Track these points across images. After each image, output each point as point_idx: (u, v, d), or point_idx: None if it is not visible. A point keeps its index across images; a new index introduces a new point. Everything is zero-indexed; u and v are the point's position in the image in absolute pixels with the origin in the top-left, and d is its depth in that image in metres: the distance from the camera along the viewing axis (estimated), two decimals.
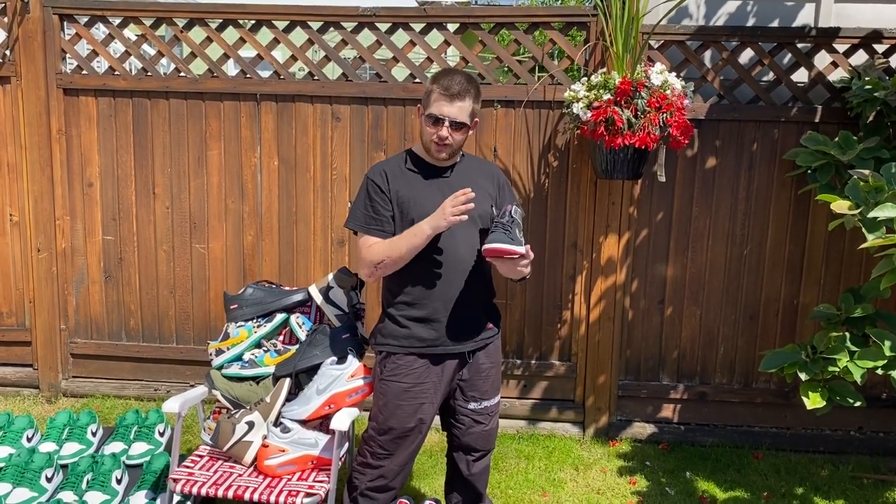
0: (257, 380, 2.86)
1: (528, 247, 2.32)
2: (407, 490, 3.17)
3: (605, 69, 3.37)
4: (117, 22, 3.81)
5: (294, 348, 2.91)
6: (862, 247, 2.62)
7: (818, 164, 3.29)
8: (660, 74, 3.18)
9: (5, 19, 3.78)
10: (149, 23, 3.78)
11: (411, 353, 2.46)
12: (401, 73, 3.79)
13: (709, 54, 3.72)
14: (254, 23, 3.74)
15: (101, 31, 3.90)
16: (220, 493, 2.45)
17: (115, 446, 3.15)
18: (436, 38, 3.68)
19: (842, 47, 3.53)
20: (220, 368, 2.88)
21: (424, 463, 3.45)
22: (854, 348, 2.96)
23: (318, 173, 3.78)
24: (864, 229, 2.63)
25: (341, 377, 2.68)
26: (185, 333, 3.97)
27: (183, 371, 3.98)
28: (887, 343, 2.85)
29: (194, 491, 2.47)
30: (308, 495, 2.43)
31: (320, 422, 2.73)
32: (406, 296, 2.46)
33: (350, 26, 3.70)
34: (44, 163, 3.85)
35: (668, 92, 3.16)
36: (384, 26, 3.68)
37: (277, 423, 2.68)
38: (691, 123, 3.30)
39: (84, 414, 3.28)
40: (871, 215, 2.56)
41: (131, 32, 4.01)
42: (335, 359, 2.72)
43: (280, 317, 2.98)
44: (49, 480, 2.85)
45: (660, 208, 3.67)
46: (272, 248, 3.85)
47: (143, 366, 4.02)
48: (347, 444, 2.88)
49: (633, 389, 3.79)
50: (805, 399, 3.02)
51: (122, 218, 3.91)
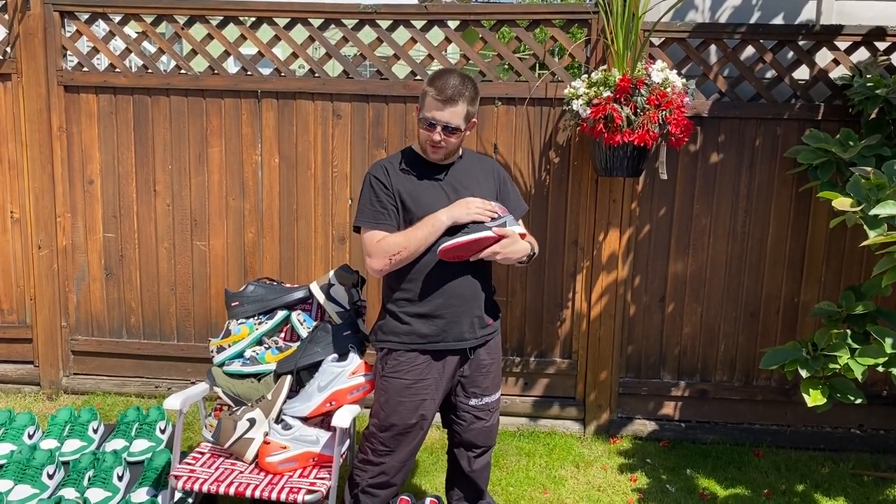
0: (259, 377, 2.86)
1: (497, 229, 2.36)
2: (408, 487, 3.17)
3: (605, 66, 3.37)
4: (118, 19, 3.81)
5: (295, 345, 2.91)
6: (863, 244, 2.63)
7: (819, 162, 3.29)
8: (660, 72, 3.18)
9: (6, 16, 3.78)
10: (149, 20, 3.78)
11: (412, 349, 2.46)
12: (402, 70, 3.79)
13: (711, 51, 3.71)
14: (254, 20, 3.74)
15: (101, 28, 3.90)
16: (222, 490, 2.45)
17: (117, 443, 3.15)
18: (437, 36, 3.67)
19: (843, 45, 3.53)
20: (221, 365, 2.88)
21: (426, 460, 3.45)
22: (855, 345, 2.96)
23: (319, 171, 3.78)
24: (865, 226, 2.64)
25: (343, 374, 2.68)
26: (186, 330, 3.97)
27: (184, 368, 3.99)
28: (888, 340, 2.85)
29: (195, 488, 2.47)
30: (309, 492, 2.43)
31: (322, 419, 2.73)
32: (407, 292, 2.46)
33: (351, 23, 3.70)
34: (45, 160, 3.85)
35: (669, 89, 3.15)
36: (385, 23, 3.68)
37: (279, 420, 2.68)
38: (691, 121, 3.30)
39: (85, 411, 3.28)
40: (873, 212, 2.56)
41: (132, 30, 4.01)
42: (336, 356, 2.72)
43: (281, 314, 2.98)
44: (50, 477, 2.85)
45: (661, 205, 3.67)
46: (273, 246, 3.85)
47: (144, 363, 4.02)
48: (349, 441, 2.88)
49: (633, 387, 3.79)
50: (806, 396, 3.02)
51: (123, 215, 3.91)
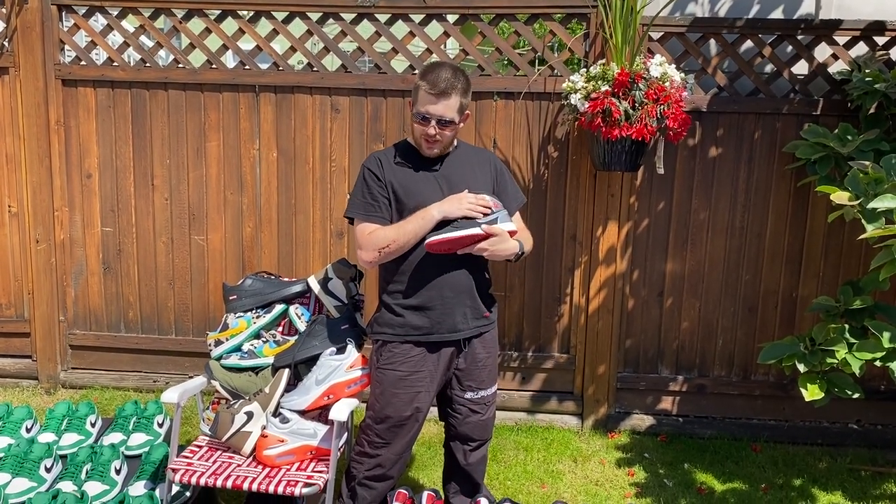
0: (256, 370, 2.86)
1: (486, 227, 2.34)
2: (406, 481, 3.17)
3: (604, 61, 3.36)
4: (116, 12, 3.79)
5: (293, 339, 2.90)
6: (861, 237, 2.63)
7: (818, 157, 3.29)
8: (659, 66, 3.17)
9: (3, 10, 3.77)
10: (147, 13, 3.76)
11: (407, 341, 2.47)
12: (400, 64, 3.78)
13: (710, 46, 3.71)
14: (253, 14, 3.73)
15: (99, 21, 3.89)
16: (219, 483, 2.45)
17: (114, 437, 3.15)
18: (435, 30, 3.66)
19: (842, 39, 3.53)
20: (219, 359, 2.88)
21: (423, 454, 3.45)
22: (853, 340, 2.96)
23: (318, 165, 3.77)
24: (863, 220, 2.63)
25: (340, 368, 2.67)
26: (184, 325, 3.97)
27: (182, 362, 3.98)
28: (886, 335, 2.85)
29: (193, 481, 2.47)
30: (307, 485, 2.44)
31: (319, 412, 2.73)
32: (401, 284, 2.47)
33: (349, 17, 3.69)
34: (42, 154, 3.84)
35: (667, 84, 3.15)
36: (383, 17, 3.67)
37: (276, 414, 2.68)
38: (689, 116, 3.30)
39: (83, 405, 3.28)
40: (871, 206, 2.56)
41: (130, 24, 4.01)
42: (334, 349, 2.72)
43: (279, 307, 2.97)
44: (48, 471, 2.85)
45: (659, 200, 3.67)
46: (271, 240, 3.85)
47: (142, 357, 4.02)
48: (346, 434, 2.88)
49: (631, 381, 3.79)
50: (803, 391, 3.02)
51: (121, 209, 3.90)
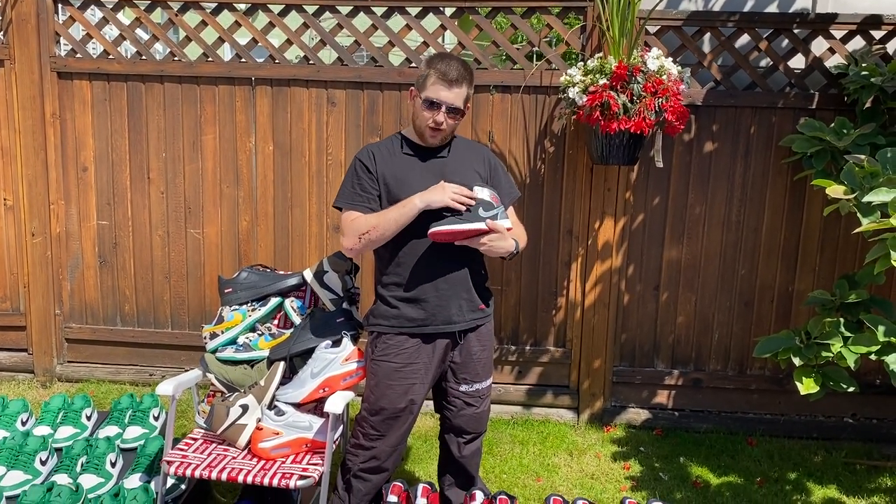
0: (252, 363, 2.85)
1: (489, 222, 2.32)
2: (401, 474, 3.18)
3: (601, 54, 3.36)
4: (112, 5, 3.78)
5: (288, 332, 2.90)
6: (856, 231, 2.62)
7: (814, 151, 3.28)
8: (656, 59, 3.17)
9: None
10: (143, 6, 3.75)
11: (401, 332, 2.47)
12: (397, 57, 3.77)
13: (706, 39, 3.70)
14: (249, 7, 3.72)
15: (95, 14, 3.88)
16: (214, 476, 2.45)
17: (110, 430, 3.14)
18: (432, 23, 3.66)
19: (839, 33, 3.52)
20: (214, 352, 2.87)
21: (419, 447, 3.45)
22: (848, 334, 2.96)
23: (314, 158, 3.77)
24: (858, 214, 2.63)
25: (336, 361, 2.67)
26: (181, 318, 3.96)
27: (178, 356, 3.98)
28: (881, 328, 2.85)
29: (188, 473, 2.47)
30: (302, 478, 2.43)
31: (315, 405, 2.73)
32: (396, 276, 2.47)
33: (346, 10, 3.68)
34: (38, 147, 3.83)
35: (665, 77, 3.15)
36: (380, 10, 3.66)
37: (272, 407, 2.68)
38: (687, 109, 3.29)
39: (79, 398, 3.27)
40: (866, 200, 2.56)
41: (126, 17, 3.99)
42: (330, 342, 2.72)
43: (274, 301, 2.97)
44: (43, 463, 2.85)
45: (656, 194, 3.67)
46: (267, 234, 3.84)
47: (138, 351, 4.02)
48: (341, 427, 2.88)
49: (627, 375, 3.80)
50: (799, 384, 3.02)
51: (117, 203, 3.90)
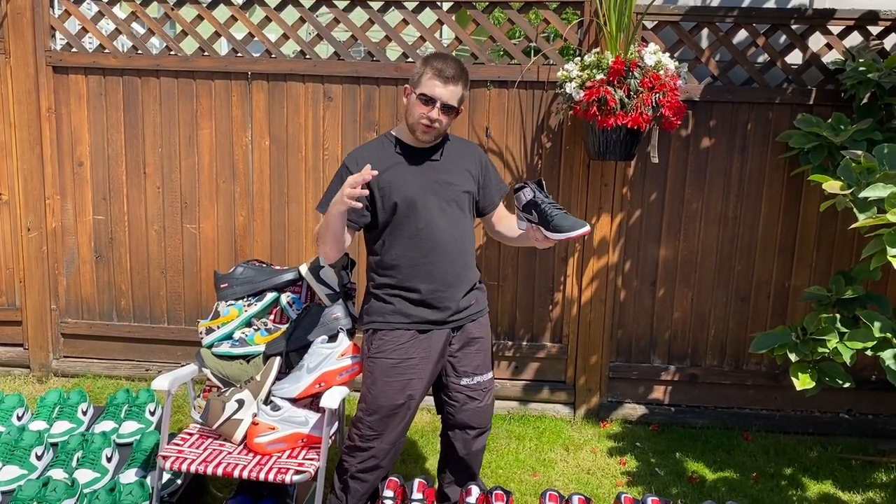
0: (247, 358, 2.85)
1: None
2: (397, 469, 3.17)
3: (598, 49, 3.35)
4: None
5: (284, 327, 2.90)
6: (853, 226, 2.62)
7: (811, 146, 3.28)
8: (653, 55, 3.16)
9: None
10: (139, 0, 3.74)
11: (397, 328, 2.46)
12: (393, 52, 3.76)
13: (703, 35, 3.70)
14: (245, 1, 3.70)
15: (91, 8, 3.86)
16: (210, 471, 2.45)
17: (106, 425, 3.14)
18: (429, 18, 3.64)
19: (836, 29, 3.52)
20: (210, 347, 2.87)
21: (416, 443, 3.46)
22: (844, 329, 2.96)
23: (310, 153, 3.76)
24: (855, 210, 2.63)
25: (332, 356, 2.67)
26: (177, 314, 3.96)
27: (174, 351, 3.98)
28: (877, 324, 2.86)
29: (184, 468, 2.47)
30: (297, 473, 2.43)
31: (310, 400, 2.73)
32: (390, 278, 2.47)
33: (342, 4, 3.66)
34: (33, 141, 3.82)
35: (662, 72, 3.14)
36: (377, 5, 3.65)
37: (267, 402, 2.68)
38: (684, 104, 3.29)
39: (74, 393, 3.27)
40: (863, 195, 2.55)
41: (121, 11, 3.98)
42: (326, 338, 2.72)
43: (270, 296, 2.97)
44: (39, 458, 2.85)
45: (652, 190, 3.67)
46: (263, 229, 3.84)
47: (134, 346, 4.01)
48: (337, 422, 2.88)
49: (624, 371, 3.80)
50: (794, 380, 3.02)
51: (113, 197, 3.89)
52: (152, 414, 3.23)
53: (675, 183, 3.66)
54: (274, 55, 3.73)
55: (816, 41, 3.57)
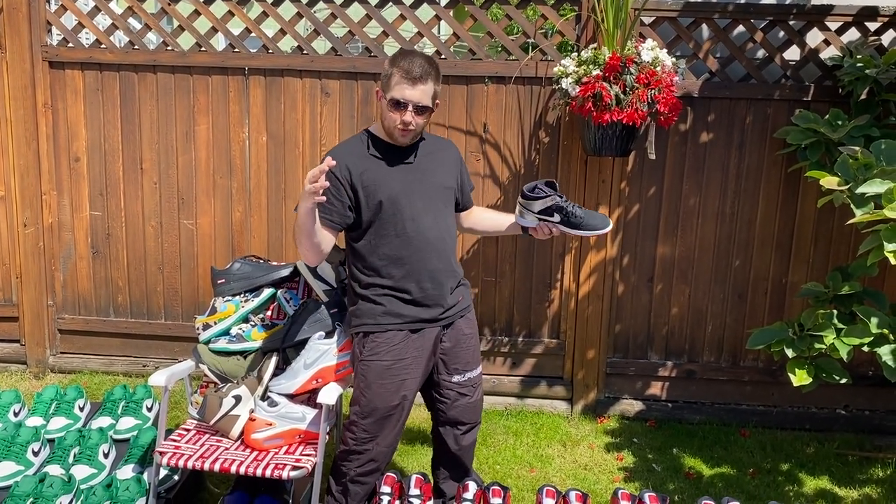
0: (245, 354, 2.85)
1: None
2: (392, 465, 3.18)
3: (595, 45, 3.35)
4: None
5: (281, 323, 2.90)
6: (850, 222, 2.62)
7: (809, 142, 3.28)
8: (650, 51, 3.16)
9: None
10: None
11: (389, 329, 2.45)
12: (391, 48, 3.75)
13: (701, 31, 3.69)
14: None
15: (87, 3, 3.85)
16: (207, 467, 2.45)
17: (103, 421, 3.14)
18: (426, 13, 3.64)
19: (834, 25, 3.52)
20: (207, 343, 2.87)
21: (411, 439, 3.46)
22: (841, 325, 2.97)
23: (308, 149, 3.75)
24: (852, 205, 2.63)
25: (329, 352, 2.67)
26: (174, 309, 3.95)
27: (171, 347, 3.97)
28: (874, 320, 2.86)
29: (181, 464, 2.46)
30: (295, 468, 2.43)
31: (308, 396, 2.72)
32: (377, 274, 2.45)
33: (340, 0, 3.66)
34: (30, 137, 3.81)
35: (658, 68, 3.14)
36: (374, 0, 3.64)
37: (265, 398, 2.68)
38: (680, 101, 3.29)
39: (71, 389, 3.26)
40: (860, 191, 2.56)
41: (118, 6, 3.96)
42: (323, 333, 2.71)
43: (268, 291, 2.96)
44: (35, 454, 2.84)
45: (650, 186, 3.67)
46: (261, 225, 3.83)
47: (132, 342, 4.01)
48: (335, 418, 2.88)
49: (621, 366, 3.80)
50: (791, 376, 3.03)
51: (110, 193, 3.88)
52: (149, 410, 3.23)
53: (673, 178, 3.66)
54: (271, 50, 3.72)
55: (814, 37, 3.56)
